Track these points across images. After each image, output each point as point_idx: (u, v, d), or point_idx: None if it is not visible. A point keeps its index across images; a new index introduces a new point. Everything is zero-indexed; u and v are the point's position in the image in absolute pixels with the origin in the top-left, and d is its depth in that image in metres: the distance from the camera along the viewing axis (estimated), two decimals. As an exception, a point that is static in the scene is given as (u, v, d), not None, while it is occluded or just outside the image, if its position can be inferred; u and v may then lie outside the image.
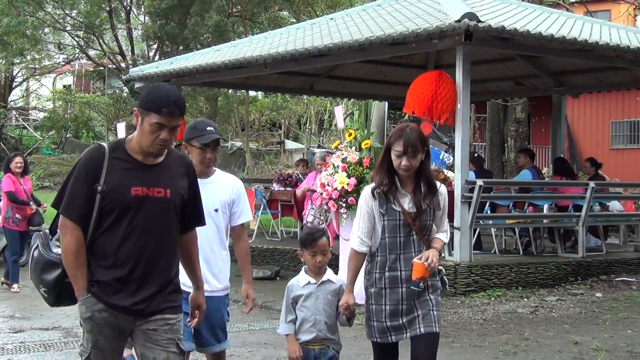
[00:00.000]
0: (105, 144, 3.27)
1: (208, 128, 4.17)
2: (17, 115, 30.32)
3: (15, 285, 9.87)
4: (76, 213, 3.17)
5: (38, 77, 29.12)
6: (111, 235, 3.18)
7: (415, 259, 3.82)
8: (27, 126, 29.58)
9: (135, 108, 3.23)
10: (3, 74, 26.13)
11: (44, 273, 3.33)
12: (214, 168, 4.33)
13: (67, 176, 3.26)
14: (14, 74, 27.48)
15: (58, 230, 3.44)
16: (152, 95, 3.20)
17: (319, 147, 26.69)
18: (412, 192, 3.88)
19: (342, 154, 8.93)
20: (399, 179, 3.90)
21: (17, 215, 9.80)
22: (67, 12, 23.19)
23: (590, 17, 15.66)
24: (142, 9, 24.64)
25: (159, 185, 3.22)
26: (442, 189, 3.99)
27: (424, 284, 3.83)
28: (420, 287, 3.82)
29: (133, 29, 24.21)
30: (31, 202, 9.93)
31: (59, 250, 3.32)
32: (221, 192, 4.28)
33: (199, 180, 3.60)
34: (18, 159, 9.94)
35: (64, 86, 31.24)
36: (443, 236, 4.01)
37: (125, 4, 23.21)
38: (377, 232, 3.89)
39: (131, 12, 23.95)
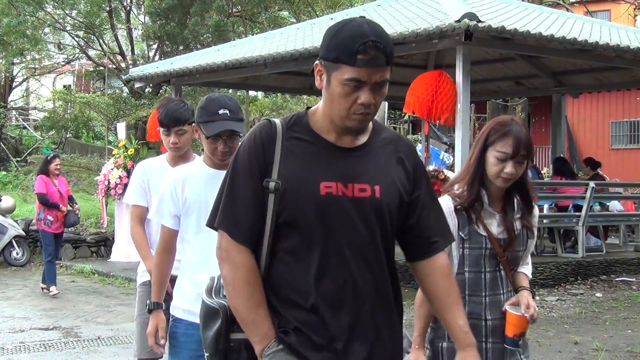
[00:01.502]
0: (277, 120, 2.21)
1: (221, 111, 3.12)
2: (17, 115, 30.31)
3: (52, 287, 9.68)
4: (241, 227, 2.11)
5: (38, 77, 29.09)
6: (295, 262, 2.10)
7: (508, 308, 2.88)
8: (27, 126, 29.57)
9: (317, 62, 2.17)
10: (3, 74, 26.11)
11: (205, 329, 2.26)
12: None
13: (224, 178, 2.22)
14: (14, 74, 27.45)
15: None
16: (341, 36, 2.10)
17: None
18: (502, 211, 2.89)
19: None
20: (487, 192, 2.88)
21: (49, 217, 9.68)
22: (67, 12, 23.17)
23: (590, 17, 15.66)
24: (142, 9, 24.62)
25: (361, 178, 2.11)
26: (536, 209, 3.01)
27: (523, 342, 2.88)
28: (519, 347, 2.87)
29: (133, 29, 24.19)
30: (61, 206, 9.76)
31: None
32: None
33: (215, 173, 3.14)
34: (58, 161, 9.98)
35: (64, 86, 31.22)
36: (528, 271, 3.15)
37: (125, 4, 23.19)
38: (452, 264, 2.81)
39: (131, 12, 23.93)
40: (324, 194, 2.07)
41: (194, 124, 3.30)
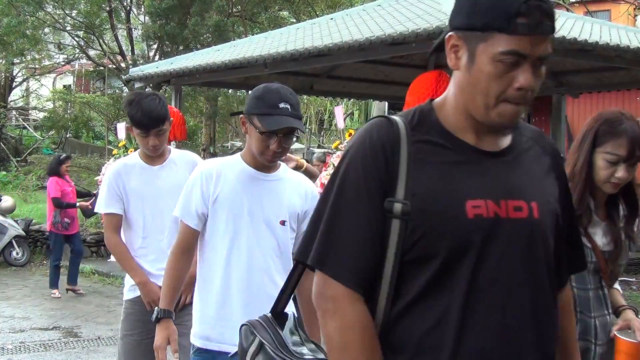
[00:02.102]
0: (397, 117, 1.62)
1: (281, 105, 2.68)
2: (17, 115, 30.31)
3: (55, 291, 9.65)
4: (353, 268, 1.53)
5: (38, 77, 29.08)
6: (431, 310, 1.52)
7: (618, 334, 2.43)
8: (27, 126, 29.57)
9: (451, 33, 1.57)
10: (3, 74, 26.10)
11: None
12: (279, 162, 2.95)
13: (322, 198, 1.63)
14: (14, 74, 27.45)
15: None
16: None
17: (319, 147, 26.68)
18: (608, 219, 2.53)
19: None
20: (592, 199, 2.49)
21: (66, 219, 9.64)
22: (67, 12, 23.16)
23: (590, 17, 15.66)
24: (142, 9, 24.62)
25: (516, 193, 1.58)
26: None
27: None
28: None
29: (133, 29, 24.18)
30: (77, 203, 9.81)
31: (301, 350, 1.71)
32: (290, 197, 2.86)
33: (255, 174, 2.79)
34: (69, 162, 10.01)
35: (64, 86, 31.23)
36: (619, 286, 2.72)
37: (125, 4, 23.19)
38: None
39: (131, 12, 23.93)
40: (472, 216, 1.51)
41: (242, 115, 2.79)
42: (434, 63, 13.41)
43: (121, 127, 12.94)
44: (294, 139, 2.81)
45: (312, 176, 10.27)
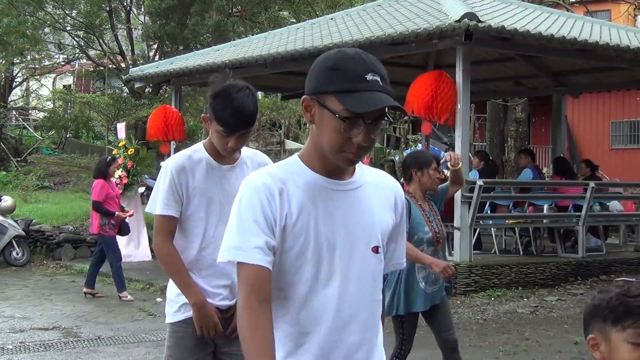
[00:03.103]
0: None
1: (370, 77, 1.87)
2: (17, 115, 30.31)
3: (125, 293, 9.37)
4: None
5: (38, 77, 29.09)
6: None
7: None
8: (27, 126, 29.58)
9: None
10: (3, 74, 26.11)
11: None
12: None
13: None
14: (14, 74, 27.46)
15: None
16: None
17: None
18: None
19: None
20: None
21: (112, 221, 9.39)
22: (67, 12, 23.17)
23: (590, 17, 15.66)
24: (142, 9, 24.62)
25: None
26: None
27: None
28: None
29: (133, 29, 24.19)
30: (116, 213, 9.34)
31: None
32: (379, 209, 2.07)
33: (328, 184, 1.98)
34: (116, 163, 9.76)
35: (64, 86, 31.23)
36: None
37: (125, 4, 23.19)
38: None
39: (131, 12, 23.94)
40: None
41: (305, 97, 1.99)
42: (434, 63, 13.45)
43: (121, 127, 12.94)
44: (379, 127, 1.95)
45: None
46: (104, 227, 9.32)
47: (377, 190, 2.05)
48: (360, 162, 2.03)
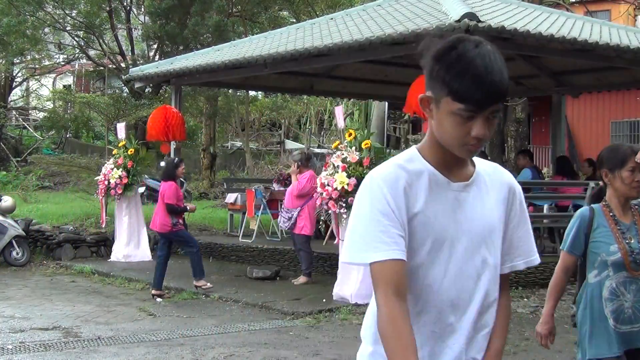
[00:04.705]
0: None
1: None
2: (17, 115, 30.33)
3: (203, 281, 9.51)
4: None
5: (38, 77, 29.11)
6: None
7: None
8: (27, 126, 29.59)
9: None
10: (3, 74, 26.12)
11: None
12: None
13: None
14: (14, 74, 27.47)
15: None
16: None
17: (319, 147, 26.70)
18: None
19: (342, 154, 8.93)
20: None
21: (180, 221, 9.63)
22: (67, 12, 23.18)
23: (590, 17, 15.66)
24: (142, 9, 24.63)
25: None
26: None
27: None
28: None
29: (133, 29, 24.20)
30: (188, 207, 9.83)
31: None
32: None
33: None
34: (183, 164, 9.93)
35: (64, 86, 31.24)
36: None
37: (125, 4, 23.20)
38: None
39: (131, 12, 23.94)
40: None
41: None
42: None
43: (121, 127, 12.94)
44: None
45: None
46: (176, 225, 9.51)
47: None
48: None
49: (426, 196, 1.94)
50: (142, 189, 15.32)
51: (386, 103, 18.57)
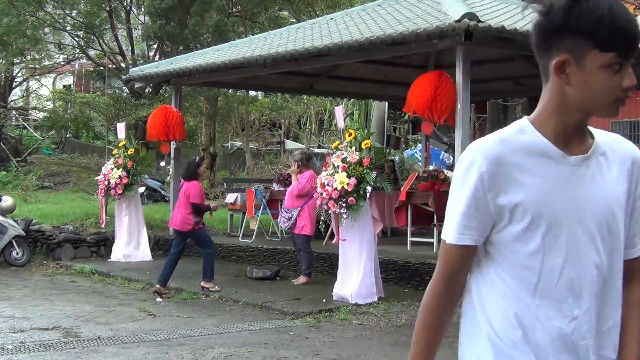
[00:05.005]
0: None
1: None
2: (17, 115, 30.34)
3: (211, 283, 9.53)
4: None
5: (38, 77, 29.11)
6: None
7: None
8: (27, 126, 29.60)
9: None
10: (3, 74, 26.13)
11: None
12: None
13: None
14: (14, 74, 27.47)
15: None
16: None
17: (319, 147, 26.71)
18: None
19: (342, 154, 8.93)
20: None
21: (202, 220, 9.71)
22: (67, 12, 23.18)
23: (590, 17, 15.66)
24: (142, 9, 24.64)
25: None
26: None
27: None
28: None
29: (133, 29, 24.21)
30: (211, 206, 10.07)
31: None
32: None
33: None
34: (204, 163, 10.03)
35: (64, 86, 31.26)
36: None
37: (125, 4, 23.21)
38: None
39: (131, 12, 23.95)
40: None
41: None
42: (434, 63, 13.45)
43: (121, 127, 12.94)
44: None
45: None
46: (198, 224, 9.54)
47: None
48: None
49: (537, 172, 1.75)
50: (142, 189, 15.33)
51: (386, 103, 18.58)
